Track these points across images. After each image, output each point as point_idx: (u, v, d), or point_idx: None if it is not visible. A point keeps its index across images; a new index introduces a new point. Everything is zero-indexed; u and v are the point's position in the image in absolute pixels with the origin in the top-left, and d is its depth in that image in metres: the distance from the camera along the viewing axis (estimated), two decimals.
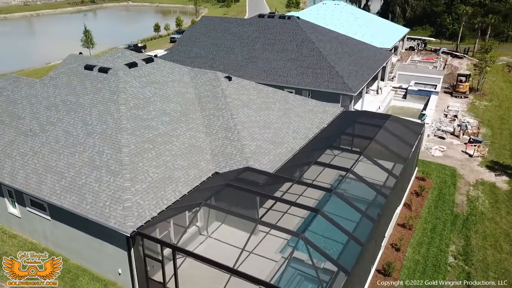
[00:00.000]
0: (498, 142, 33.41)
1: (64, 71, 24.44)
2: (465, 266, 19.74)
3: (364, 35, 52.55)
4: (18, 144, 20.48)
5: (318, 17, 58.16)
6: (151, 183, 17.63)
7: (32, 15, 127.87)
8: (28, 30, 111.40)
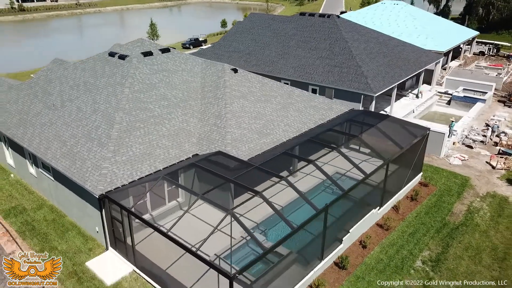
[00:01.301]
0: None
1: (93, 56, 27.95)
2: (430, 272, 19.35)
3: (419, 37, 50.69)
4: (41, 116, 24.18)
5: (374, 16, 57.18)
6: (131, 157, 19.99)
7: (122, 9, 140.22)
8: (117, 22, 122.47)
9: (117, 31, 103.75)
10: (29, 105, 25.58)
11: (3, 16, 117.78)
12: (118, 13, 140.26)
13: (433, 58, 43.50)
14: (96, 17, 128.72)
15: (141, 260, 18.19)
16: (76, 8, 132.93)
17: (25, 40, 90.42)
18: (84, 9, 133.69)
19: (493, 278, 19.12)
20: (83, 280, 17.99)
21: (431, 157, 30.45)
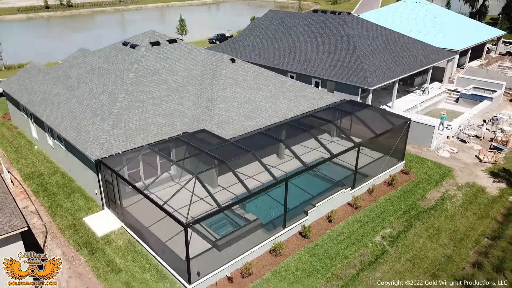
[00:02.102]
0: None
1: (110, 45, 31.44)
2: (386, 246, 21.10)
3: (436, 35, 51.14)
4: (60, 95, 27.85)
5: (394, 15, 57.91)
6: (127, 131, 23.07)
7: (163, 7, 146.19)
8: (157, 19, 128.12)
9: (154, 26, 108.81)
10: (51, 86, 29.36)
11: (53, 11, 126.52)
12: (159, 10, 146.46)
13: (443, 56, 44.11)
14: (138, 14, 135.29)
15: (128, 218, 21.20)
16: (120, 5, 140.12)
17: (69, 34, 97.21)
18: (126, 5, 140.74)
19: (445, 255, 20.60)
20: (79, 231, 21.25)
21: (421, 149, 31.72)
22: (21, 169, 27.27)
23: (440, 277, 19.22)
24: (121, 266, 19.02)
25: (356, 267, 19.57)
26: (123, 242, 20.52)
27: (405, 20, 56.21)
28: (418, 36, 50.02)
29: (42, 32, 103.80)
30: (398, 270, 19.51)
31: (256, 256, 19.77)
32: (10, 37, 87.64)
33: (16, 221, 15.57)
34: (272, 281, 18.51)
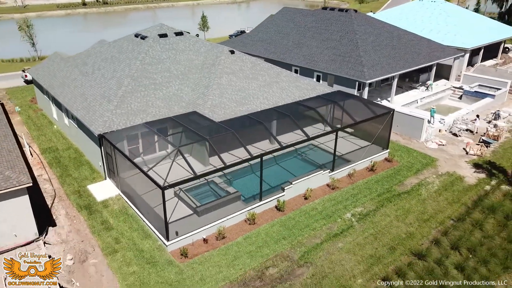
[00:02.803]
0: None
1: (124, 37, 34.62)
2: (355, 222, 23.00)
3: (447, 34, 51.75)
4: (76, 80, 31.19)
5: (409, 13, 58.71)
6: (129, 111, 25.98)
7: (193, 4, 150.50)
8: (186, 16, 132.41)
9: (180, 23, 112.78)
10: (70, 72, 32.81)
11: (89, 8, 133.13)
12: (190, 7, 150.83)
13: (449, 54, 44.89)
14: (168, 11, 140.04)
15: (124, 186, 24.09)
16: (152, 2, 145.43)
17: (102, 29, 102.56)
18: (158, 3, 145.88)
19: (408, 232, 22.30)
20: (82, 196, 24.36)
21: (411, 140, 33.16)
22: (40, 144, 30.83)
23: (396, 250, 21.00)
24: (113, 225, 21.90)
25: (321, 238, 21.62)
26: (118, 206, 23.43)
27: (419, 18, 56.92)
28: (430, 34, 50.85)
29: (77, 27, 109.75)
30: (360, 242, 21.42)
31: (233, 224, 22.17)
32: (48, 31, 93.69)
33: (23, 178, 18.65)
34: (242, 244, 20.87)
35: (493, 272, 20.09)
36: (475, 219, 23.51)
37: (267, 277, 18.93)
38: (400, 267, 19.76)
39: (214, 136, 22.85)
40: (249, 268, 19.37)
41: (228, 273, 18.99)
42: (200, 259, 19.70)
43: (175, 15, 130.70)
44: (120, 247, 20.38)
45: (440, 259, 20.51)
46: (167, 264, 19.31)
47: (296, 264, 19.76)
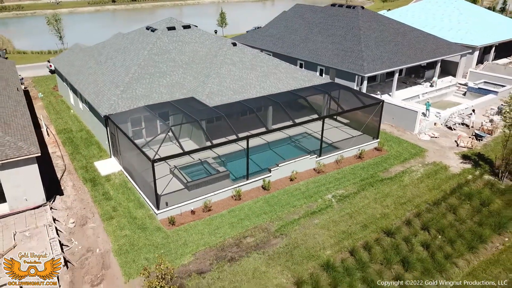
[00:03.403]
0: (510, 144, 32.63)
1: (136, 29, 37.25)
2: (334, 202, 24.63)
3: (458, 31, 52.22)
4: (91, 68, 34.01)
5: (422, 11, 59.25)
6: (133, 95, 28.46)
7: (219, 2, 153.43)
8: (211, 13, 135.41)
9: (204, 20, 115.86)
10: (86, 61, 35.70)
11: (118, 5, 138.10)
12: (215, 5, 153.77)
13: (455, 51, 45.52)
14: (194, 8, 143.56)
15: (125, 163, 26.58)
16: (178, 0, 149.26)
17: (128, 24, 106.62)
18: (185, 0, 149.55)
19: (383, 213, 23.78)
20: (88, 171, 27.01)
21: (404, 132, 34.35)
22: (57, 126, 33.85)
23: (368, 228, 22.55)
24: (113, 196, 24.40)
25: (300, 214, 23.41)
26: (119, 180, 25.93)
27: (431, 16, 57.42)
28: (441, 32, 51.48)
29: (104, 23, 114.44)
30: (335, 220, 23.08)
31: (220, 199, 24.25)
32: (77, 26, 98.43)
33: (33, 149, 21.31)
34: (226, 216, 22.93)
35: (457, 251, 21.39)
36: (450, 204, 24.74)
37: (243, 245, 20.90)
38: (368, 242, 21.33)
39: (205, 119, 24.94)
40: (228, 236, 21.39)
41: (209, 239, 21.08)
42: (186, 227, 21.87)
43: (199, 12, 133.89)
44: (117, 214, 22.81)
45: (408, 237, 21.96)
46: (155, 230, 21.59)
47: (272, 235, 21.64)
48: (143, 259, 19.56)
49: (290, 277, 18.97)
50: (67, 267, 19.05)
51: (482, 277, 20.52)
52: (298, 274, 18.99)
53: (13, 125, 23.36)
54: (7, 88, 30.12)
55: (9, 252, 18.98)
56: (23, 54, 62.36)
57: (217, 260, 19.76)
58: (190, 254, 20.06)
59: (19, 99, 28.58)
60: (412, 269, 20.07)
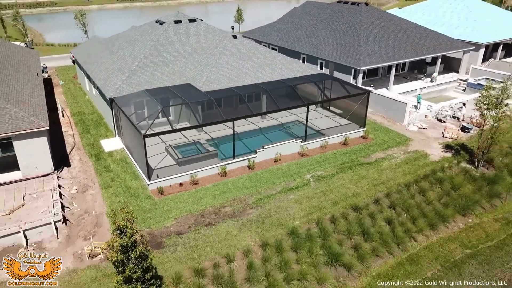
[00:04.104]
0: None
1: (147, 23, 40.32)
2: (311, 182, 26.72)
3: (466, 28, 52.97)
4: (103, 58, 37.27)
5: (432, 8, 60.00)
6: (137, 81, 31.39)
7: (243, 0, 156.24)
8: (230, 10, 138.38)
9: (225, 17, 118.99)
10: (101, 51, 39.05)
11: (145, 2, 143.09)
12: (240, 3, 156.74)
13: (456, 47, 46.45)
14: (218, 6, 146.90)
15: (126, 141, 29.55)
16: None
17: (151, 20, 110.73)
18: None
19: (355, 193, 25.72)
20: (94, 147, 30.16)
21: (394, 123, 35.95)
22: (72, 109, 37.35)
23: (338, 204, 24.59)
24: (113, 169, 27.40)
25: (277, 190, 25.68)
26: (120, 156, 28.94)
27: (441, 14, 58.18)
28: (448, 29, 52.37)
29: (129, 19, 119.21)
30: (309, 196, 25.22)
31: (207, 175, 26.81)
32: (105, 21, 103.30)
33: (43, 123, 24.48)
34: (210, 189, 25.47)
35: (418, 227, 23.20)
36: (421, 187, 26.45)
37: (221, 213, 23.40)
38: (335, 215, 23.41)
39: (195, 101, 27.61)
40: (209, 205, 23.93)
41: (191, 207, 23.68)
42: (173, 197, 24.56)
43: (224, 9, 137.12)
44: (114, 184, 25.75)
45: (374, 213, 23.91)
46: (145, 198, 24.38)
47: (249, 207, 24.02)
48: None
49: (257, 240, 21.32)
50: (65, 224, 22.06)
51: (438, 251, 22.27)
52: (265, 238, 21.30)
53: (28, 104, 26.65)
54: (28, 73, 33.68)
55: (17, 209, 22.17)
56: (51, 46, 66.94)
57: (195, 224, 22.32)
58: (172, 218, 22.71)
59: (37, 83, 32.01)
60: (371, 240, 22.06)
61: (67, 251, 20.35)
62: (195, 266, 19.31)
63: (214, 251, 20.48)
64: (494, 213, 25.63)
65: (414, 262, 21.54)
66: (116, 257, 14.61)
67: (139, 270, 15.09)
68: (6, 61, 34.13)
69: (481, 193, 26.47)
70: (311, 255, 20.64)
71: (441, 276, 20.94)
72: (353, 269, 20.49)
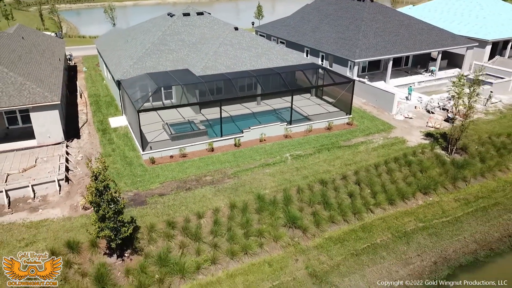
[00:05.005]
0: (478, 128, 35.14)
1: (160, 15, 44.10)
2: (289, 159, 29.41)
3: (475, 26, 53.68)
4: (118, 46, 41.31)
5: (444, 7, 60.73)
6: (143, 66, 35.07)
7: None
8: None
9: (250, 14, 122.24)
10: (118, 40, 43.18)
11: None
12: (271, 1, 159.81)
13: (458, 43, 47.55)
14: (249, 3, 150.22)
15: (129, 118, 33.29)
16: None
17: None
18: None
19: (326, 170, 28.20)
20: (103, 124, 34.14)
21: (383, 112, 37.94)
22: (89, 92, 41.69)
23: (308, 178, 27.18)
24: (115, 141, 31.18)
25: (256, 165, 28.56)
26: (123, 131, 32.72)
27: (453, 11, 58.90)
28: (458, 26, 53.34)
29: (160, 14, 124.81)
30: (283, 171, 27.97)
31: (197, 150, 30.07)
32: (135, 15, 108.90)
33: (54, 98, 28.50)
34: (196, 161, 28.70)
35: (377, 201, 25.51)
36: (389, 168, 28.61)
37: (202, 181, 26.58)
38: (302, 187, 26.07)
39: (187, 83, 30.97)
40: (192, 174, 27.16)
41: (176, 175, 26.99)
42: (162, 166, 27.97)
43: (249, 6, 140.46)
44: (114, 154, 29.48)
45: (338, 187, 26.39)
46: (138, 165, 27.92)
47: (227, 177, 27.08)
48: (122, 183, 25.93)
49: (227, 203, 24.35)
50: (67, 182, 25.91)
51: (392, 222, 24.54)
52: (234, 201, 24.29)
53: (45, 82, 30.81)
54: (51, 58, 38.13)
55: (29, 169, 26.24)
56: (82, 38, 72.45)
57: (177, 189, 25.62)
58: (158, 183, 26.10)
59: (58, 66, 36.35)
60: (330, 209, 24.60)
61: (66, 204, 24.13)
62: (169, 220, 22.57)
63: (188, 209, 23.68)
64: (456, 194, 27.48)
65: (367, 230, 23.91)
66: (92, 199, 18.05)
67: (111, 211, 18.48)
68: (33, 47, 38.73)
69: (447, 176, 28.30)
70: (272, 217, 23.43)
71: (389, 243, 23.25)
72: (308, 231, 23.15)
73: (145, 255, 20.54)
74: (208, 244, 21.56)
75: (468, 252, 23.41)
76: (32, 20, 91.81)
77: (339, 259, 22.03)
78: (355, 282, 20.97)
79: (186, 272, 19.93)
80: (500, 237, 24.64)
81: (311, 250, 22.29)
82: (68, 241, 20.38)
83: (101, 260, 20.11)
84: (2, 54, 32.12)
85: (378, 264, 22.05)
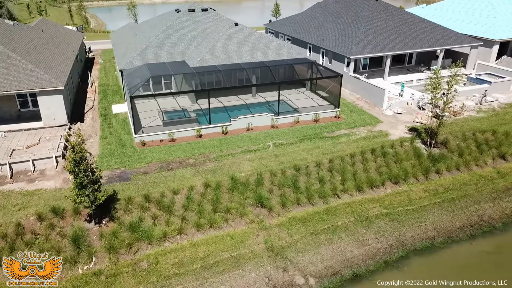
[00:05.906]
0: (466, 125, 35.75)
1: (168, 11, 46.80)
2: (271, 147, 31.19)
3: (484, 26, 53.55)
4: (128, 39, 44.29)
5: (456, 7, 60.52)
6: (145, 58, 37.74)
7: None
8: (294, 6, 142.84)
9: None
10: (128, 35, 46.20)
11: None
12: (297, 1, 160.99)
13: (461, 42, 47.78)
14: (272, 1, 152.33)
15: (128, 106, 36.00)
16: None
17: None
18: None
19: (303, 158, 29.82)
20: (106, 110, 37.08)
21: (374, 107, 39.06)
22: (100, 81, 44.91)
23: (284, 164, 28.91)
24: (113, 125, 33.98)
25: (238, 151, 30.54)
26: (122, 117, 35.50)
27: (464, 11, 58.70)
28: (468, 26, 53.36)
29: None
30: (262, 157, 29.81)
31: (186, 135, 32.38)
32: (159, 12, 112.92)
33: (59, 83, 31.52)
34: (183, 146, 31.00)
35: (345, 187, 26.95)
36: (364, 158, 29.91)
37: (185, 163, 28.84)
38: (275, 171, 27.85)
39: (179, 73, 33.35)
40: (177, 157, 29.47)
41: (162, 157, 29.38)
42: (151, 149, 30.44)
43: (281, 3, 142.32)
44: (111, 136, 32.24)
45: (310, 173, 27.97)
46: (130, 147, 30.52)
47: (209, 160, 29.22)
48: (113, 161, 28.55)
49: (203, 182, 26.48)
50: (64, 159, 28.77)
51: (356, 207, 25.96)
52: (209, 181, 26.39)
53: (54, 70, 33.95)
54: (66, 49, 41.48)
55: (32, 146, 29.32)
56: (106, 33, 76.52)
57: (160, 169, 27.99)
58: (144, 163, 28.57)
59: (69, 56, 39.61)
60: (297, 192, 26.27)
61: (60, 177, 26.96)
62: (146, 194, 24.93)
63: (166, 187, 25.97)
64: (427, 185, 28.49)
65: (331, 213, 25.45)
66: (70, 168, 20.62)
67: (87, 179, 20.99)
68: (50, 39, 42.22)
69: (420, 167, 29.31)
70: (241, 196, 25.39)
71: (349, 226, 24.72)
72: (273, 210, 24.95)
73: (119, 223, 22.97)
74: (178, 216, 23.76)
75: (425, 238, 24.54)
76: (63, 16, 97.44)
77: (298, 237, 23.72)
78: (309, 258, 22.62)
79: (154, 239, 22.20)
80: (461, 226, 25.58)
81: (273, 228, 24.08)
82: (53, 207, 23.08)
83: (81, 225, 22.68)
84: (19, 44, 35.55)
85: (334, 244, 23.59)
